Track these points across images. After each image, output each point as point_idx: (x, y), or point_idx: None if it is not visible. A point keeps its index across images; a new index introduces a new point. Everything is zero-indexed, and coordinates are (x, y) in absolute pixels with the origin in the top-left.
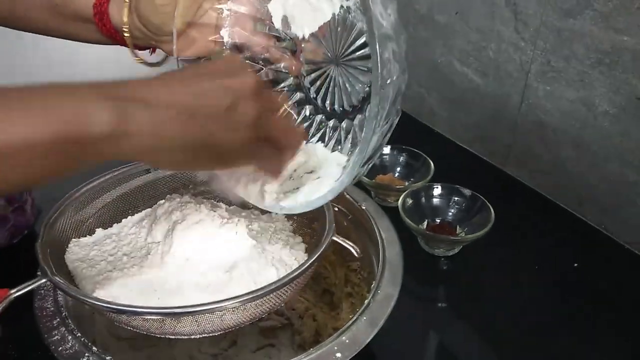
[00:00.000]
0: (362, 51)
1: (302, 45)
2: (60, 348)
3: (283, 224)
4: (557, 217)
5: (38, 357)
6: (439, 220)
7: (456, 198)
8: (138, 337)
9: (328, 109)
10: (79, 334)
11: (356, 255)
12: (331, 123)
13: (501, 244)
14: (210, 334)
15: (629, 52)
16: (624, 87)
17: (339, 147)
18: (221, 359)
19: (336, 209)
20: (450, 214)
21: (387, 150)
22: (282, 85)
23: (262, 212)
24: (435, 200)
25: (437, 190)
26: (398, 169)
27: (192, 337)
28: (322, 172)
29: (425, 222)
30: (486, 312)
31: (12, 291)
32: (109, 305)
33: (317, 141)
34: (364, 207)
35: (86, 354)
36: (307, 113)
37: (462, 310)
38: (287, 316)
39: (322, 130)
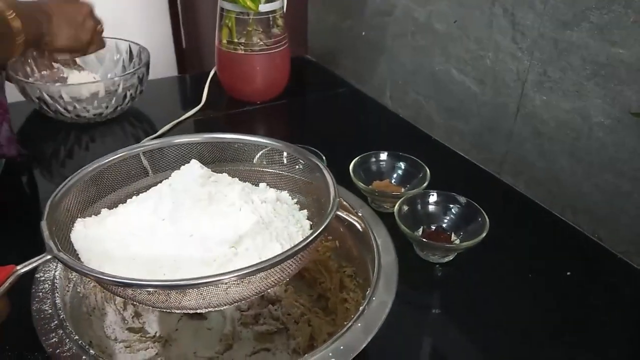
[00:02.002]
0: None
1: None
2: (58, 350)
3: (288, 199)
4: (552, 226)
5: (35, 359)
6: (434, 227)
7: (452, 205)
8: (134, 340)
9: None
10: (77, 337)
11: (360, 229)
12: None
13: (496, 252)
14: (216, 308)
15: (624, 65)
16: (619, 99)
17: None
18: None
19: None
20: (445, 221)
21: (384, 156)
22: None
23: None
24: (431, 207)
25: (433, 198)
26: (395, 175)
27: (198, 310)
28: None
29: (421, 229)
30: (480, 319)
31: (18, 267)
32: (114, 279)
33: None
34: (360, 214)
35: (83, 357)
36: None
37: (456, 317)
38: (283, 321)
39: None
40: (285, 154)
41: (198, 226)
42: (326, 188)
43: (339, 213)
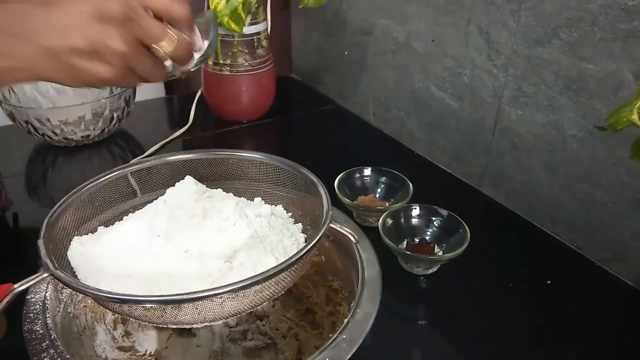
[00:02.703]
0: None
1: None
2: None
3: (283, 213)
4: (531, 236)
5: None
6: (417, 240)
7: (434, 218)
8: (124, 359)
9: None
10: (68, 356)
11: (354, 240)
12: None
13: (478, 263)
14: (212, 323)
15: (594, 79)
16: (590, 112)
17: None
18: None
19: None
20: (428, 233)
21: (367, 172)
22: None
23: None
24: (414, 221)
25: (416, 211)
26: (379, 190)
27: (194, 326)
28: None
29: (405, 242)
30: (463, 328)
31: (16, 286)
32: (110, 295)
33: None
34: (346, 229)
35: None
36: None
37: (441, 327)
38: (271, 336)
39: None
40: (279, 168)
41: (193, 242)
42: (320, 201)
43: (331, 225)
